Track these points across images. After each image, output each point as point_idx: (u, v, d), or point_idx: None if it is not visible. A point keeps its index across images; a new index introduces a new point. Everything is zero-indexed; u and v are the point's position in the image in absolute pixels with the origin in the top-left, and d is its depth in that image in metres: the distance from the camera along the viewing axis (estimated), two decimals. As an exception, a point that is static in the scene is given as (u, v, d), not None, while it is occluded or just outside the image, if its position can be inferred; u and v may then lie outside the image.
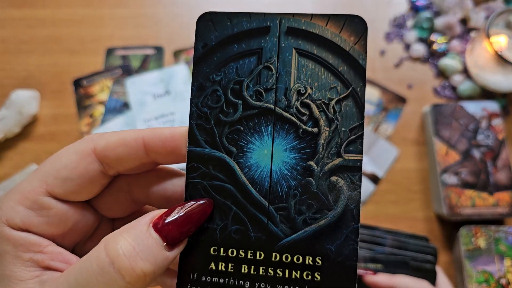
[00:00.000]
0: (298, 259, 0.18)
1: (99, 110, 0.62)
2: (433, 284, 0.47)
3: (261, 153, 0.19)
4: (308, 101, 0.19)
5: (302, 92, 0.19)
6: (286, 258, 0.19)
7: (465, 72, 0.63)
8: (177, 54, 0.65)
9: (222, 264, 0.19)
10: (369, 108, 0.62)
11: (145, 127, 0.59)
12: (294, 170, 0.19)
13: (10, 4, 0.68)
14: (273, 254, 0.19)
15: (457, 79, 0.63)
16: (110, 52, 0.65)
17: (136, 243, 0.17)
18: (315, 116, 0.19)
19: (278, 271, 0.19)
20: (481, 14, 0.64)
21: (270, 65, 0.19)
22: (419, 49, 0.64)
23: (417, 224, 0.58)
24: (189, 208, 0.19)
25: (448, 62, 0.63)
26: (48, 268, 0.19)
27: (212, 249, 0.19)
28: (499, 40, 0.58)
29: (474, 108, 0.58)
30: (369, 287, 0.46)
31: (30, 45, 0.66)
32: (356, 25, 0.19)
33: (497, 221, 0.56)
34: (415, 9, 0.67)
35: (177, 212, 0.19)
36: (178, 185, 0.22)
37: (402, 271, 0.48)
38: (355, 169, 0.19)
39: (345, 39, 0.19)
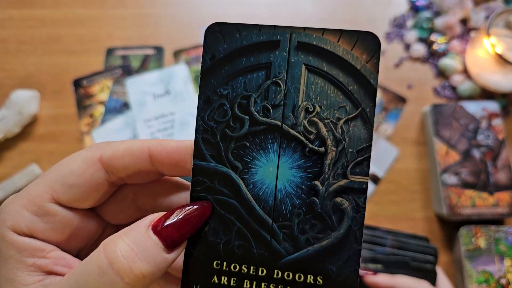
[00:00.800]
0: (299, 277, 0.19)
1: (99, 110, 0.62)
2: (433, 285, 0.47)
3: (267, 170, 0.19)
4: (316, 119, 0.19)
5: (310, 110, 0.19)
6: (288, 275, 0.19)
7: (465, 72, 0.63)
8: (177, 54, 0.65)
9: (224, 278, 0.19)
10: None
11: (145, 127, 0.59)
12: (299, 189, 0.19)
13: (9, 4, 0.68)
14: (275, 271, 0.19)
15: (457, 79, 0.63)
16: (110, 52, 0.65)
17: (135, 244, 0.18)
18: (322, 135, 0.19)
19: (279, 287, 0.19)
20: (481, 14, 0.64)
21: (279, 81, 0.19)
22: (419, 49, 0.64)
23: (417, 224, 0.58)
24: (188, 211, 0.19)
25: (448, 62, 0.63)
26: (51, 273, 0.20)
27: (215, 262, 0.19)
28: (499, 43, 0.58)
29: (474, 108, 0.58)
30: None
31: (30, 45, 0.66)
32: (369, 42, 0.19)
33: (497, 221, 0.56)
34: (415, 9, 0.67)
35: (177, 215, 0.19)
36: (183, 197, 0.22)
37: (402, 271, 0.48)
38: (361, 191, 0.18)
39: (357, 57, 0.19)
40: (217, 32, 0.19)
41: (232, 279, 0.19)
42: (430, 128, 0.59)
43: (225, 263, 0.19)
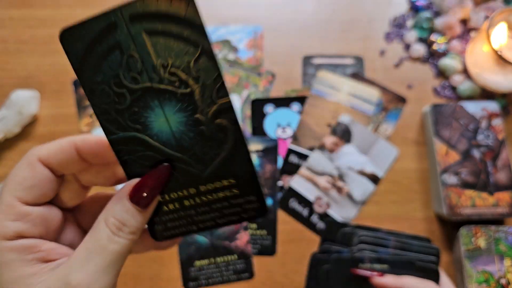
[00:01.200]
0: (219, 184, 0.25)
1: (99, 110, 0.62)
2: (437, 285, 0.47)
3: (160, 122, 0.24)
4: (173, 70, 0.23)
5: (165, 65, 0.23)
6: (211, 186, 0.25)
7: (465, 72, 0.63)
8: (177, 54, 0.65)
9: (170, 205, 0.26)
10: (369, 108, 0.62)
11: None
12: (188, 125, 0.24)
13: (10, 4, 0.67)
14: (200, 186, 0.25)
15: (457, 79, 0.63)
16: (110, 52, 0.65)
17: (120, 217, 0.24)
18: (183, 80, 0.23)
19: (208, 196, 0.25)
20: (481, 14, 0.64)
21: (132, 53, 0.23)
22: (419, 49, 0.64)
23: (417, 224, 0.58)
24: (155, 175, 0.24)
25: (448, 62, 0.63)
26: (49, 261, 0.24)
27: (160, 198, 0.26)
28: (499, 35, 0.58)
29: (474, 108, 0.58)
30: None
31: (30, 45, 0.66)
32: None
33: (497, 221, 0.56)
34: (415, 9, 0.67)
35: (147, 181, 0.24)
36: (112, 168, 0.27)
37: (407, 271, 0.48)
38: (229, 109, 0.23)
39: (178, 6, 0.22)
40: (69, 37, 0.23)
41: (175, 203, 0.26)
42: (430, 128, 0.59)
43: (166, 195, 0.25)
